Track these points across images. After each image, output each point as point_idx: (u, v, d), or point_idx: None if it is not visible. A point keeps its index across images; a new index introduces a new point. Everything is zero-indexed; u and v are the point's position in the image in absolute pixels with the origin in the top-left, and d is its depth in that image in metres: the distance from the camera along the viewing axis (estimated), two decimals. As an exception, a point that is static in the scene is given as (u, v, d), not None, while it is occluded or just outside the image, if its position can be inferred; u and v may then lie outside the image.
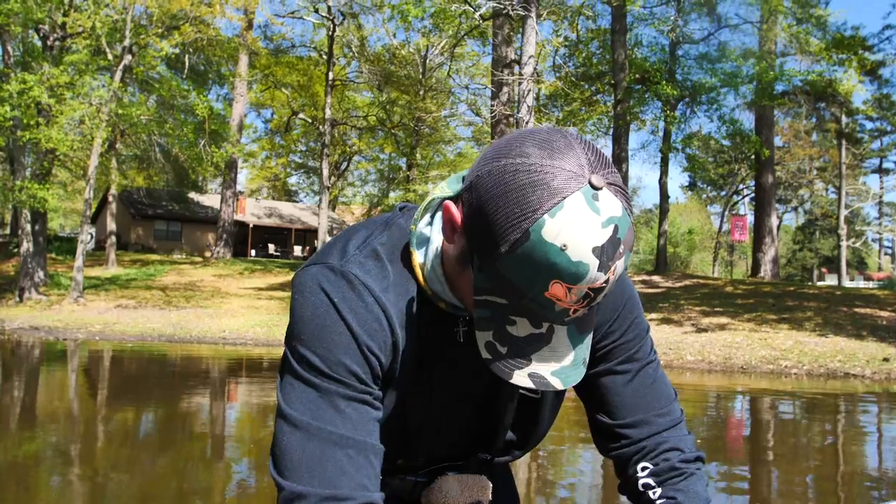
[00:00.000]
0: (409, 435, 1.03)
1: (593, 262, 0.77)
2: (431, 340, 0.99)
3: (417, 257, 0.96)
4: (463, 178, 0.93)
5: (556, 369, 0.84)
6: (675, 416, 1.09)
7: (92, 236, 32.93)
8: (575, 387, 1.06)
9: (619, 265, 0.81)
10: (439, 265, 0.94)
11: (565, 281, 0.77)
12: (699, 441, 7.38)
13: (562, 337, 0.84)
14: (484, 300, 0.84)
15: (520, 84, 14.71)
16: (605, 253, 0.78)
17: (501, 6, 14.68)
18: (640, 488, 1.03)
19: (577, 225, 0.76)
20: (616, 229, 0.78)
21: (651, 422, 1.05)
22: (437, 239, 0.95)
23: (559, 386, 0.84)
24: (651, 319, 17.06)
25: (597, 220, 0.77)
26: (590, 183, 0.78)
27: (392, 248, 0.98)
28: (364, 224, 1.03)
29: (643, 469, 1.03)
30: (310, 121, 35.85)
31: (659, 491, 1.02)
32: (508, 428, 1.08)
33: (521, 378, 0.83)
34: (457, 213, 0.87)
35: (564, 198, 0.77)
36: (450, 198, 0.95)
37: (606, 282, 0.79)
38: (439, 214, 0.97)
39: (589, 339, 0.88)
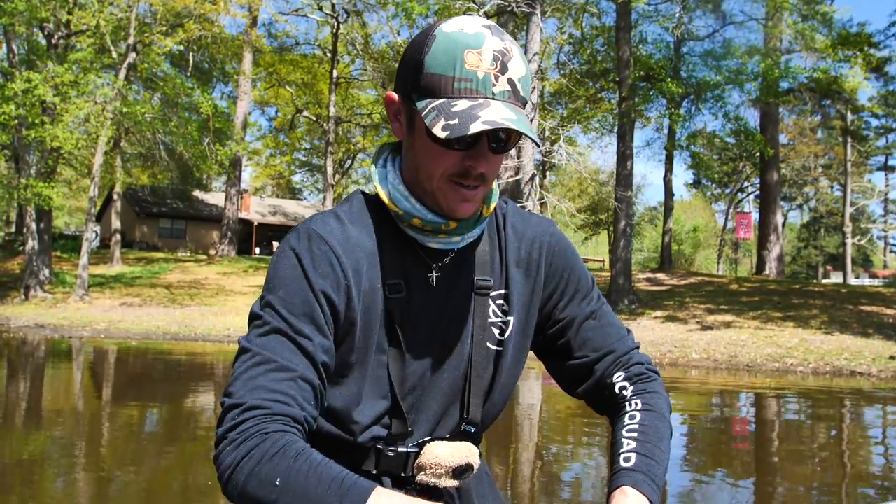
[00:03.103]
0: (394, 394, 1.13)
1: (487, 32, 1.04)
2: (400, 294, 1.13)
3: (382, 193, 1.14)
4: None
5: (505, 117, 1.00)
6: (634, 342, 1.27)
7: (97, 234, 32.95)
8: (547, 341, 1.26)
9: (517, 52, 1.05)
10: (400, 183, 1.14)
11: (473, 47, 1.02)
12: (704, 441, 7.37)
13: (498, 105, 1.02)
14: (428, 109, 1.04)
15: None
16: (494, 29, 1.05)
17: (506, 3, 14.64)
18: (617, 391, 1.20)
19: (464, 20, 1.06)
20: (494, 26, 1.06)
21: (619, 348, 1.23)
22: (391, 169, 1.16)
23: (512, 125, 0.99)
24: (655, 317, 17.03)
25: (477, 19, 1.06)
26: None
27: (351, 213, 1.15)
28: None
29: (618, 377, 1.21)
30: (314, 118, 35.87)
31: (631, 388, 1.19)
32: (483, 390, 1.20)
33: (476, 126, 0.98)
34: (392, 95, 1.13)
35: (450, 18, 1.07)
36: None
37: (506, 49, 1.03)
38: (387, 158, 1.19)
39: (528, 120, 1.05)
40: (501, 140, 1.08)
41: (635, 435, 1.13)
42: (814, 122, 40.67)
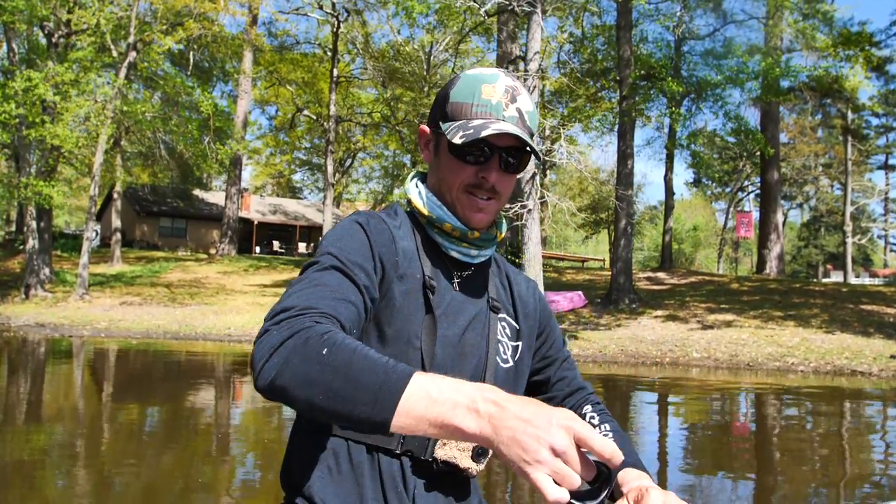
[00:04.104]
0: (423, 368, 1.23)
1: (501, 72, 1.28)
2: (434, 289, 1.27)
3: (417, 201, 1.33)
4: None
5: (512, 129, 1.21)
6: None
7: (97, 233, 32.97)
8: (539, 379, 1.46)
9: (525, 92, 1.28)
10: (431, 195, 1.32)
11: (489, 81, 1.26)
12: (706, 439, 7.36)
13: (507, 125, 1.22)
14: (451, 128, 1.25)
15: (525, 80, 14.66)
16: (509, 73, 1.29)
17: (507, 2, 14.61)
18: (588, 419, 1.41)
19: (483, 67, 1.29)
20: (509, 72, 1.30)
21: (586, 387, 1.48)
22: (422, 186, 1.35)
23: (517, 132, 1.20)
24: (656, 316, 17.02)
25: (495, 68, 1.30)
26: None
27: (396, 216, 1.33)
28: None
29: (587, 409, 1.43)
30: (314, 117, 35.81)
31: (598, 416, 1.41)
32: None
33: (487, 132, 1.19)
34: (424, 128, 1.36)
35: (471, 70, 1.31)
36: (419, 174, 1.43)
37: (515, 86, 1.26)
38: (417, 180, 1.39)
39: (531, 140, 1.25)
40: (512, 162, 1.26)
41: (612, 440, 1.30)
42: (814, 121, 40.64)
